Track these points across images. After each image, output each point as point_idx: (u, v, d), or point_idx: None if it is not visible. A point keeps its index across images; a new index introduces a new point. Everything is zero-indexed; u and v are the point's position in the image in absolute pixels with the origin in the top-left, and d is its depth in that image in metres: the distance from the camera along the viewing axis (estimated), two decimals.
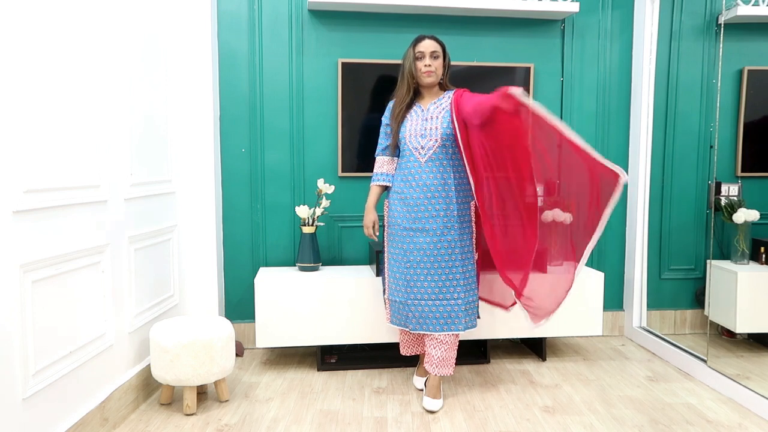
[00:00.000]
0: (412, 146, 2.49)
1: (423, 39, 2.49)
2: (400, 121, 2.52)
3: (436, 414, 2.41)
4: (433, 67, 2.47)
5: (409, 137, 2.50)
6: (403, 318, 2.53)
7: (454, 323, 2.46)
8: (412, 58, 2.50)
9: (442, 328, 2.46)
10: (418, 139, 2.48)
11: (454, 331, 2.46)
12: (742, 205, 3.05)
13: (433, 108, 2.51)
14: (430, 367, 2.50)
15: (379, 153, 2.63)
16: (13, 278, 1.68)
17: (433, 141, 2.47)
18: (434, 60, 2.48)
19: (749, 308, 2.96)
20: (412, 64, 2.50)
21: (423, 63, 2.47)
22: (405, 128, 2.51)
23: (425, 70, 2.47)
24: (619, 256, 3.47)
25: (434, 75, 2.49)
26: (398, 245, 2.52)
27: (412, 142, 2.49)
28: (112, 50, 2.25)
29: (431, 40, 2.49)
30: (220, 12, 3.08)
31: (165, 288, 2.78)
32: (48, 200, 1.83)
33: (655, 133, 3.29)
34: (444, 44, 2.52)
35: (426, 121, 2.49)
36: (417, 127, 2.49)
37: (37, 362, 1.80)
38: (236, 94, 3.13)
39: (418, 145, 2.48)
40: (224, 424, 2.31)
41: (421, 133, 2.48)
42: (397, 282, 2.52)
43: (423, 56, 2.47)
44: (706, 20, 3.18)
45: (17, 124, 1.69)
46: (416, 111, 2.53)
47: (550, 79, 3.33)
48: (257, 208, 3.20)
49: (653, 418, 2.37)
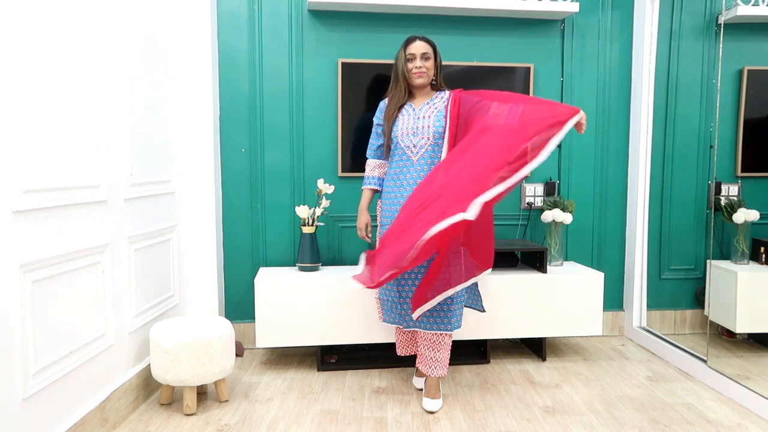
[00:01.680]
0: (404, 145, 2.49)
1: (414, 40, 2.49)
2: (393, 121, 2.53)
3: (436, 414, 2.41)
4: (425, 68, 2.48)
5: (402, 136, 2.50)
6: (396, 315, 2.54)
7: (443, 322, 2.46)
8: (404, 60, 2.50)
9: (432, 326, 2.47)
10: (410, 137, 2.49)
11: (444, 330, 2.46)
12: (742, 205, 3.05)
13: (426, 108, 2.51)
14: (423, 368, 2.52)
15: (371, 155, 2.65)
16: (13, 278, 1.68)
17: (425, 139, 2.47)
18: (425, 61, 2.48)
19: (749, 308, 2.96)
20: (403, 66, 2.51)
21: (414, 65, 2.48)
22: (397, 127, 2.52)
23: (416, 71, 2.48)
24: (619, 256, 3.47)
25: (426, 76, 2.49)
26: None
27: (404, 140, 2.49)
28: (112, 50, 2.25)
29: (422, 41, 2.49)
30: (220, 12, 3.08)
31: (165, 288, 2.78)
32: (48, 200, 1.84)
33: (655, 133, 3.29)
34: (435, 45, 2.52)
35: (418, 120, 2.49)
36: (409, 125, 2.49)
37: (37, 362, 1.80)
38: (236, 94, 3.13)
39: (410, 143, 2.49)
40: (224, 424, 2.31)
41: (413, 131, 2.48)
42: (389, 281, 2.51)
43: (414, 58, 2.48)
44: (706, 20, 3.18)
45: (17, 124, 1.69)
46: (408, 110, 2.54)
47: (550, 79, 3.33)
48: (257, 208, 3.20)
49: (653, 418, 2.37)
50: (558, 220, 3.11)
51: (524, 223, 3.38)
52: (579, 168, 3.40)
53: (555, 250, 3.16)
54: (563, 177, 3.39)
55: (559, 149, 3.37)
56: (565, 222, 3.12)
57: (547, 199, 3.25)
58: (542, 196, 3.37)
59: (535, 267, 3.10)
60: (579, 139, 3.37)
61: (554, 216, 3.11)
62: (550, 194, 3.35)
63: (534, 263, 3.11)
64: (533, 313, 2.96)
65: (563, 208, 3.14)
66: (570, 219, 3.12)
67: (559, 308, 2.97)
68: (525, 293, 2.94)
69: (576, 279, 2.99)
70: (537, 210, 3.37)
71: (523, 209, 3.37)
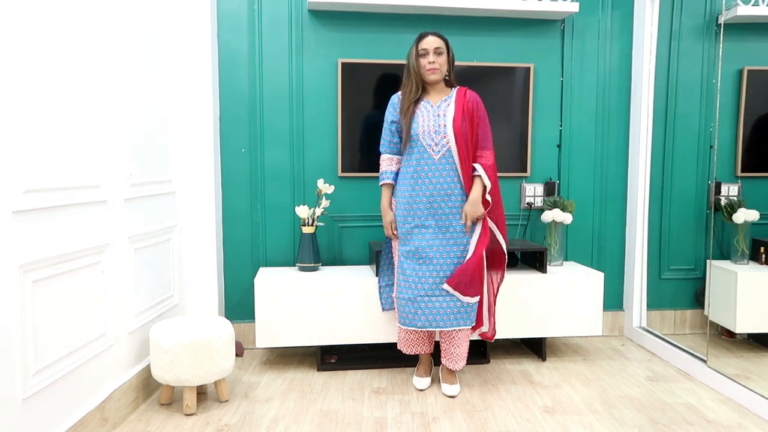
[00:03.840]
0: (426, 143, 2.49)
1: (426, 36, 2.49)
2: (411, 116, 2.51)
3: (436, 414, 2.41)
4: (437, 64, 2.48)
5: (423, 134, 2.49)
6: (411, 316, 2.53)
7: (462, 318, 2.52)
8: (415, 56, 2.50)
9: (455, 323, 2.50)
10: (432, 135, 2.49)
11: (466, 325, 2.53)
12: (742, 205, 3.05)
13: (444, 105, 2.52)
14: (448, 362, 2.61)
15: (387, 150, 2.62)
16: (13, 278, 1.68)
17: (446, 139, 2.48)
18: (438, 57, 2.48)
19: (749, 308, 2.96)
20: (415, 62, 2.50)
21: (426, 60, 2.48)
22: (417, 124, 2.50)
23: (429, 67, 2.48)
24: (619, 256, 3.47)
25: (438, 72, 2.50)
26: (409, 242, 2.52)
27: (426, 139, 2.49)
28: (112, 50, 2.25)
29: (434, 36, 2.49)
30: (220, 12, 3.08)
31: (165, 288, 2.78)
32: (48, 200, 1.84)
33: (655, 133, 3.29)
34: (447, 40, 2.53)
35: (438, 117, 2.50)
36: (430, 123, 2.49)
37: (37, 362, 1.80)
38: (236, 94, 3.13)
39: (432, 142, 2.49)
40: (224, 424, 2.31)
41: (434, 129, 2.49)
42: (407, 279, 2.52)
43: (426, 53, 2.48)
44: (706, 20, 3.18)
45: (17, 124, 1.69)
46: (426, 107, 2.53)
47: (550, 79, 3.33)
48: (257, 208, 3.20)
49: (653, 418, 2.37)
50: (558, 220, 3.11)
51: (524, 223, 3.38)
52: (579, 168, 3.40)
53: (555, 250, 3.16)
54: (563, 177, 3.39)
55: (559, 149, 3.37)
56: (565, 222, 3.12)
57: (547, 199, 3.25)
58: (542, 196, 3.37)
59: (535, 267, 3.10)
60: (579, 139, 3.38)
61: (554, 216, 3.11)
62: (550, 194, 3.35)
63: (534, 263, 3.11)
64: (533, 313, 2.96)
65: (563, 208, 3.14)
66: (570, 219, 3.12)
67: (559, 308, 2.97)
68: (525, 293, 2.94)
69: (576, 279, 2.99)
70: (537, 210, 3.37)
71: (523, 209, 3.37)
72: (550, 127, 3.36)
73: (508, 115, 3.28)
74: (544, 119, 3.35)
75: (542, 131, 3.35)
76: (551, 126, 3.36)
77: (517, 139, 3.29)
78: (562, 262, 3.21)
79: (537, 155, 3.36)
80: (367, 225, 3.26)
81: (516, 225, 3.38)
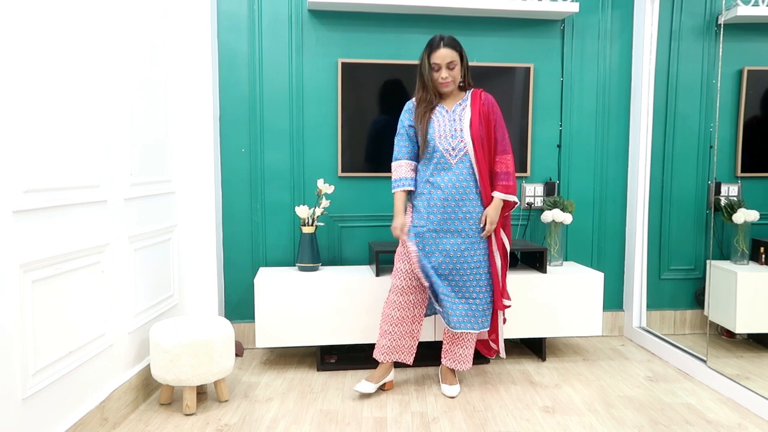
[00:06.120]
0: (443, 148, 2.48)
1: (438, 48, 2.41)
2: (427, 123, 2.49)
3: (436, 414, 2.41)
4: (450, 77, 2.45)
5: (439, 139, 2.48)
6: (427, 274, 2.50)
7: (470, 322, 2.53)
8: (428, 67, 2.44)
9: (465, 326, 2.52)
10: (448, 140, 2.47)
11: (477, 329, 2.55)
12: (742, 206, 3.05)
13: (459, 109, 2.50)
14: (451, 363, 2.63)
15: (403, 156, 2.55)
16: (13, 278, 1.68)
17: (463, 143, 2.47)
18: (451, 71, 2.44)
19: (749, 308, 2.96)
20: (428, 74, 2.45)
21: (440, 75, 2.44)
22: (433, 129, 2.48)
23: (443, 81, 2.45)
24: (618, 256, 3.47)
25: (452, 84, 2.48)
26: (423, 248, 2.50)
27: (443, 144, 2.48)
28: (112, 50, 2.25)
29: (446, 48, 2.41)
30: (220, 12, 3.08)
31: (165, 288, 2.78)
32: (48, 200, 1.84)
33: (655, 133, 3.29)
34: (460, 46, 2.47)
35: (454, 122, 2.48)
36: (446, 128, 2.48)
37: (37, 362, 1.80)
38: (236, 94, 3.13)
39: (449, 146, 2.47)
40: (224, 424, 2.31)
41: (451, 134, 2.47)
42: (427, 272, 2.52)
43: (439, 68, 2.43)
44: (706, 20, 3.18)
45: (17, 124, 1.69)
46: (441, 112, 2.51)
47: (550, 79, 3.33)
48: (257, 208, 3.20)
49: (653, 419, 2.37)
50: (558, 220, 3.11)
51: (524, 223, 3.38)
52: (579, 168, 3.40)
53: (555, 250, 3.16)
54: (563, 177, 3.39)
55: (559, 149, 3.38)
56: (565, 222, 3.12)
57: (547, 199, 3.25)
58: (542, 196, 3.37)
59: (534, 267, 3.10)
60: (579, 140, 3.38)
61: (554, 216, 3.11)
62: (550, 194, 3.35)
63: (534, 263, 3.11)
64: (533, 313, 2.96)
65: (563, 208, 3.14)
66: (570, 219, 3.12)
67: (559, 308, 2.97)
68: (525, 293, 2.94)
69: (576, 279, 2.99)
70: (537, 210, 3.37)
71: (523, 209, 3.37)
72: (550, 127, 3.36)
73: (508, 115, 3.27)
74: (544, 119, 3.35)
75: (542, 131, 3.35)
76: (551, 126, 3.36)
77: (517, 139, 3.29)
78: (562, 262, 3.21)
79: (537, 155, 3.36)
80: (367, 225, 3.26)
81: (516, 225, 3.38)
